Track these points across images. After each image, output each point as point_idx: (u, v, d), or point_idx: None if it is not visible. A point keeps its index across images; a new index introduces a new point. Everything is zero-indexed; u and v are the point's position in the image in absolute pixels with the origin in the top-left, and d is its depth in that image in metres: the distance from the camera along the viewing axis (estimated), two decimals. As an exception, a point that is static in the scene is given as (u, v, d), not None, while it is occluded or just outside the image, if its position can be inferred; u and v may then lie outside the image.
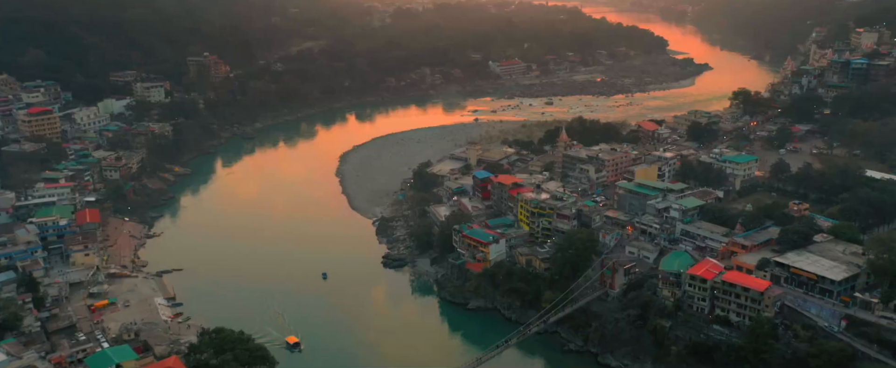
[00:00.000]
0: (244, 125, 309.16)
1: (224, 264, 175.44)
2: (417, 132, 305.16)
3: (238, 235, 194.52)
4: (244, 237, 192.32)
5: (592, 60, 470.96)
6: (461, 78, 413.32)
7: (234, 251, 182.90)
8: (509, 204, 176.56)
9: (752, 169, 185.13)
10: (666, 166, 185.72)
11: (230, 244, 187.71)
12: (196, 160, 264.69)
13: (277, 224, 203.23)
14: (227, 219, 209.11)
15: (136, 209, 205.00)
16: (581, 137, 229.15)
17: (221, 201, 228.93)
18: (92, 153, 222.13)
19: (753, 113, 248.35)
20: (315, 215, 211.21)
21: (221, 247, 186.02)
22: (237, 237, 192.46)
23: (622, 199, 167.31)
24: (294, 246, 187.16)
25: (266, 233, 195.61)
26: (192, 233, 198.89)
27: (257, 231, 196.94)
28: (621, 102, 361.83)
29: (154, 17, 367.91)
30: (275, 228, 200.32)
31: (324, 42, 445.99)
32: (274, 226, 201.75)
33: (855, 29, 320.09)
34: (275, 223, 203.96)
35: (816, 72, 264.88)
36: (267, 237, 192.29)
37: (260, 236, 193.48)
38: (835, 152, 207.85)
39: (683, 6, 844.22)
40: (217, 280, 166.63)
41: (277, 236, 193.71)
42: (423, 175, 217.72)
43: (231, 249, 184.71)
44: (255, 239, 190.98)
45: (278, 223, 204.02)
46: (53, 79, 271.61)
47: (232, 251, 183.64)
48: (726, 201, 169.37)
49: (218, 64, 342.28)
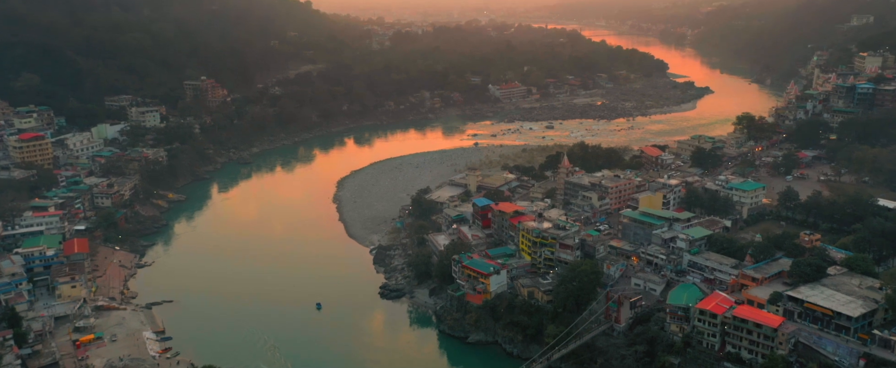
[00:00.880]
0: (240, 150, 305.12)
1: (216, 294, 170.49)
2: (416, 157, 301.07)
3: (231, 264, 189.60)
4: (238, 267, 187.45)
5: (592, 84, 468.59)
6: (460, 101, 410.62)
7: (226, 281, 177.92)
8: (510, 233, 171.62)
9: (760, 197, 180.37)
10: (671, 193, 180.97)
11: (223, 274, 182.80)
12: (191, 186, 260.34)
13: (272, 253, 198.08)
14: (220, 247, 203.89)
15: (127, 238, 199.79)
16: (583, 162, 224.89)
17: (215, 229, 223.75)
18: (83, 180, 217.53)
19: (758, 138, 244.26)
20: (311, 243, 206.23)
21: (214, 277, 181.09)
22: (230, 267, 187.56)
23: (627, 228, 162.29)
24: (289, 275, 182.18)
25: (260, 262, 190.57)
26: (185, 262, 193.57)
27: (251, 260, 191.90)
28: (622, 125, 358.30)
29: (151, 41, 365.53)
30: (269, 257, 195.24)
31: (322, 65, 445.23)
32: (268, 255, 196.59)
33: (858, 53, 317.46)
34: (269, 252, 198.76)
35: (821, 96, 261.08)
36: (261, 267, 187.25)
37: (254, 265, 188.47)
38: (843, 178, 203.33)
39: (682, 29, 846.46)
40: (209, 312, 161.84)
41: (272, 265, 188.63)
42: (421, 202, 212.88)
43: (224, 279, 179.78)
44: (248, 268, 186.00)
45: (273, 252, 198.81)
46: (47, 104, 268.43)
47: (225, 280, 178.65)
48: (734, 231, 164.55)
49: (215, 88, 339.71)
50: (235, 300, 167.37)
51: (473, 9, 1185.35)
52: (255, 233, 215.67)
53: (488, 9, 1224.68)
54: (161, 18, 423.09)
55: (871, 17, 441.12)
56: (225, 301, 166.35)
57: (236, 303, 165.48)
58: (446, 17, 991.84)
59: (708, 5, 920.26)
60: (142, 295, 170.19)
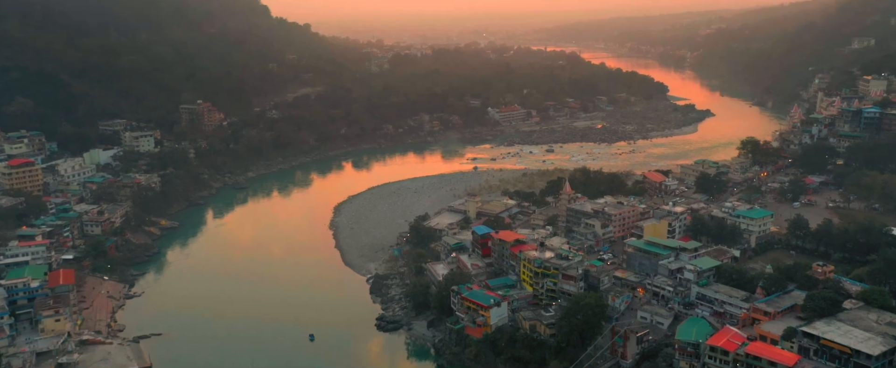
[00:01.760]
0: (236, 174, 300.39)
1: (207, 326, 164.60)
2: (415, 181, 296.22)
3: (223, 294, 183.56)
4: (230, 297, 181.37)
5: (593, 107, 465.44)
6: (460, 124, 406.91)
7: (217, 313, 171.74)
8: (511, 262, 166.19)
9: (768, 225, 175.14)
10: (676, 221, 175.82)
11: (214, 305, 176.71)
12: (185, 212, 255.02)
13: (266, 282, 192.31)
14: (212, 276, 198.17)
15: (116, 267, 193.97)
16: (585, 188, 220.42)
17: (208, 257, 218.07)
18: (73, 207, 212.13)
19: (763, 163, 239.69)
20: (306, 272, 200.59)
21: (205, 308, 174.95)
22: (222, 297, 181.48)
23: (631, 258, 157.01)
24: (282, 306, 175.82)
25: (253, 292, 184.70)
26: (176, 292, 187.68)
27: (244, 290, 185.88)
28: (624, 149, 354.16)
29: (147, 64, 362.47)
30: (263, 286, 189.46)
31: (321, 88, 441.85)
32: (262, 284, 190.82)
33: (861, 76, 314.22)
34: (263, 281, 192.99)
35: (826, 120, 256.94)
36: (254, 297, 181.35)
37: (247, 295, 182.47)
38: (852, 205, 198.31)
39: (682, 52, 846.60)
40: (198, 345, 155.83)
41: (265, 295, 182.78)
42: (419, 229, 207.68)
43: (215, 310, 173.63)
44: (241, 299, 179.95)
45: (267, 281, 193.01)
46: (40, 129, 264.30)
47: (216, 312, 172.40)
48: (742, 260, 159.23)
49: (211, 111, 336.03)
50: (226, 331, 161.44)
51: (472, 31, 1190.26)
52: (249, 261, 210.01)
53: (487, 31, 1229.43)
54: (159, 41, 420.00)
55: (871, 39, 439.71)
56: (215, 334, 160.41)
57: (227, 335, 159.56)
58: (445, 39, 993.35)
59: (706, 28, 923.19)
60: (130, 328, 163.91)
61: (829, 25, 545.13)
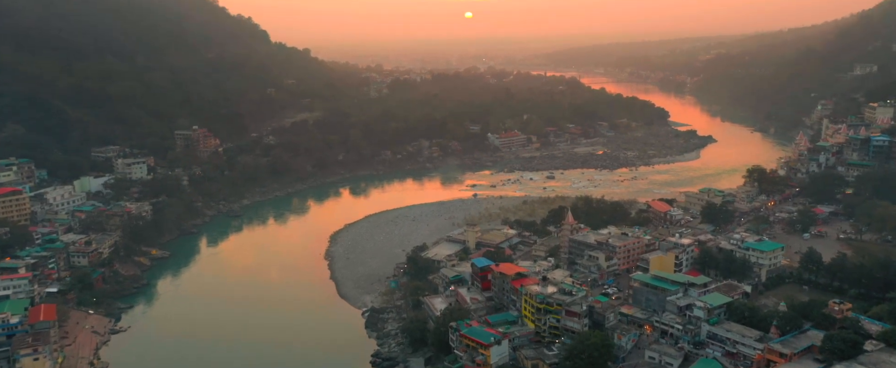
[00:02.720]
0: (231, 202, 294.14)
1: (193, 363, 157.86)
2: (413, 209, 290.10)
3: (211, 329, 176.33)
4: (218, 332, 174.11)
5: (594, 132, 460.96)
6: (459, 150, 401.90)
7: (205, 347, 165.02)
8: (512, 297, 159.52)
9: (779, 258, 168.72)
10: (683, 253, 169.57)
11: (202, 340, 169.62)
12: (177, 242, 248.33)
13: (257, 314, 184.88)
14: (201, 309, 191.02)
15: (102, 300, 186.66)
16: (587, 218, 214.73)
17: (198, 288, 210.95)
18: (60, 237, 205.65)
19: (770, 192, 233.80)
20: (300, 304, 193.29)
21: (192, 343, 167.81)
22: (210, 332, 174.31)
23: (638, 293, 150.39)
24: (274, 340, 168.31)
25: (244, 326, 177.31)
26: (163, 327, 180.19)
27: (234, 324, 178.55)
28: (625, 175, 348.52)
29: (143, 89, 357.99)
30: (254, 319, 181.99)
31: (319, 113, 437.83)
32: (253, 317, 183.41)
33: (866, 103, 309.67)
34: (254, 314, 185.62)
35: (834, 149, 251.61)
36: (244, 331, 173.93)
37: (236, 330, 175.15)
38: (864, 237, 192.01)
39: (682, 77, 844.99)
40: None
41: (256, 329, 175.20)
42: (417, 260, 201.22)
43: (203, 344, 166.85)
44: (230, 334, 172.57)
45: (258, 314, 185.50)
46: (31, 155, 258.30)
47: (204, 346, 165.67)
48: (753, 296, 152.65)
49: (207, 137, 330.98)
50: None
51: (472, 56, 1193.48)
52: (240, 293, 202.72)
53: (487, 56, 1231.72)
54: (156, 66, 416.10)
55: (874, 66, 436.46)
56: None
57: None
58: (445, 64, 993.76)
59: (706, 53, 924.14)
60: (114, 365, 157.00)
61: (830, 52, 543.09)
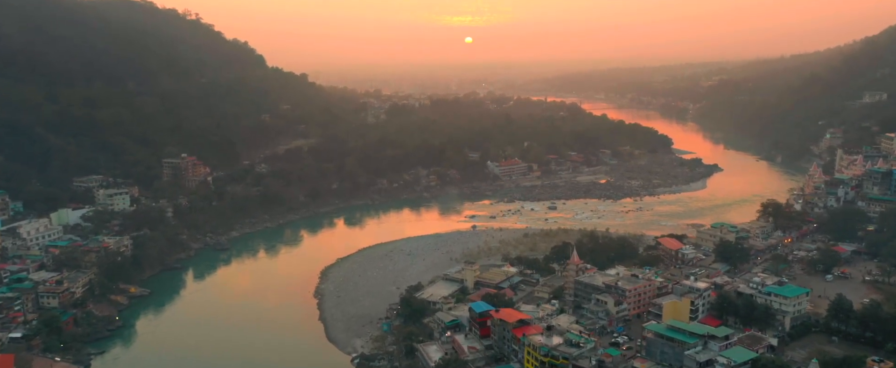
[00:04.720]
0: (218, 234, 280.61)
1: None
2: (409, 242, 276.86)
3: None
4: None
5: (596, 160, 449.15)
6: (458, 179, 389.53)
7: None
8: (513, 346, 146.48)
9: (804, 304, 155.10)
10: (700, 298, 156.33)
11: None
12: (159, 278, 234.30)
13: (237, 362, 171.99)
14: (178, 354, 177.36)
15: (71, 345, 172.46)
16: (592, 255, 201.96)
17: (177, 330, 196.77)
18: (30, 276, 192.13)
19: (786, 228, 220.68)
20: (285, 349, 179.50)
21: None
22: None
23: (651, 345, 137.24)
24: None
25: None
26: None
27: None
28: (630, 206, 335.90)
29: (131, 115, 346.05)
30: (234, 365, 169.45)
31: (314, 140, 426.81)
32: (233, 362, 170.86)
33: (881, 133, 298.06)
34: (235, 358, 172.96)
35: (853, 182, 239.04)
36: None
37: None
38: (893, 279, 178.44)
39: (684, 103, 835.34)
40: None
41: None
42: (411, 302, 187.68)
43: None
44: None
45: (239, 359, 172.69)
46: (8, 186, 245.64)
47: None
48: (779, 350, 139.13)
49: (196, 165, 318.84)
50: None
51: (471, 81, 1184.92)
52: (221, 335, 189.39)
53: (486, 81, 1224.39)
54: (147, 92, 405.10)
55: (884, 94, 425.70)
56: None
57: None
58: (444, 89, 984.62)
59: (708, 80, 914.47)
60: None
61: (835, 78, 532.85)
